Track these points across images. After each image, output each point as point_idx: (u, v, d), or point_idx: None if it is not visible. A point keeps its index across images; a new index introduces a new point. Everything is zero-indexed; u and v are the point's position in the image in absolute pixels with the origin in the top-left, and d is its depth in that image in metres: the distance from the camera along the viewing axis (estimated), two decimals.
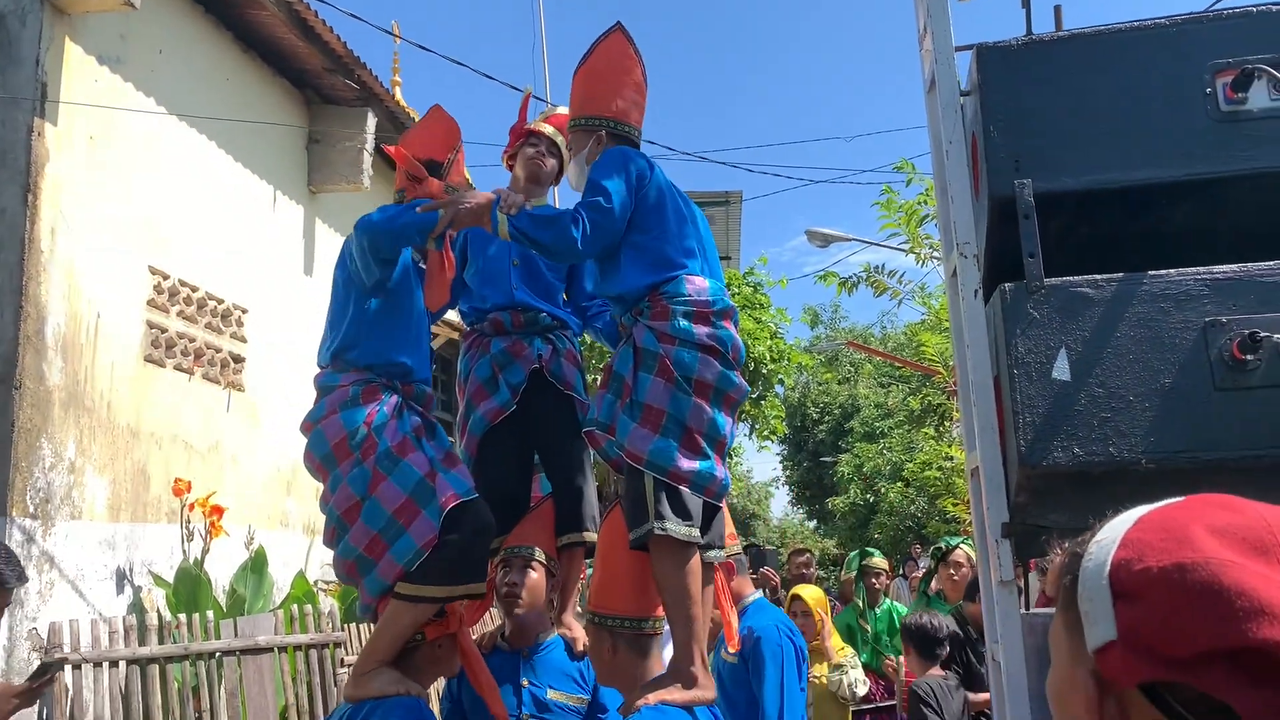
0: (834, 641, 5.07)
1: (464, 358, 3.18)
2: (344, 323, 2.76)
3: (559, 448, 3.11)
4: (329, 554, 2.85)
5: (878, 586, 6.57)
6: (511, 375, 3.04)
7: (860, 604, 6.62)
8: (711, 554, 2.61)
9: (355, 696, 2.58)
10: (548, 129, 3.23)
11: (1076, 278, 1.99)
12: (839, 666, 4.76)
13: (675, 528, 2.38)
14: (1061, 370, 1.95)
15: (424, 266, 2.94)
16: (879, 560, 6.72)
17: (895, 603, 6.66)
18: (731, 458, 17.13)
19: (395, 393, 2.72)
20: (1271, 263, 1.91)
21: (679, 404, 2.44)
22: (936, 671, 4.05)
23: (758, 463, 73.73)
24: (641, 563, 2.46)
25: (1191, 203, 2.07)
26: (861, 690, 4.64)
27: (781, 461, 32.77)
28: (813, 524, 35.22)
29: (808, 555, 7.92)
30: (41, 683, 3.10)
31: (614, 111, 2.78)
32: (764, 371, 10.09)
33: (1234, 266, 1.93)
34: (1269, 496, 1.98)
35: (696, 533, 2.43)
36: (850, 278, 10.12)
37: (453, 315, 3.58)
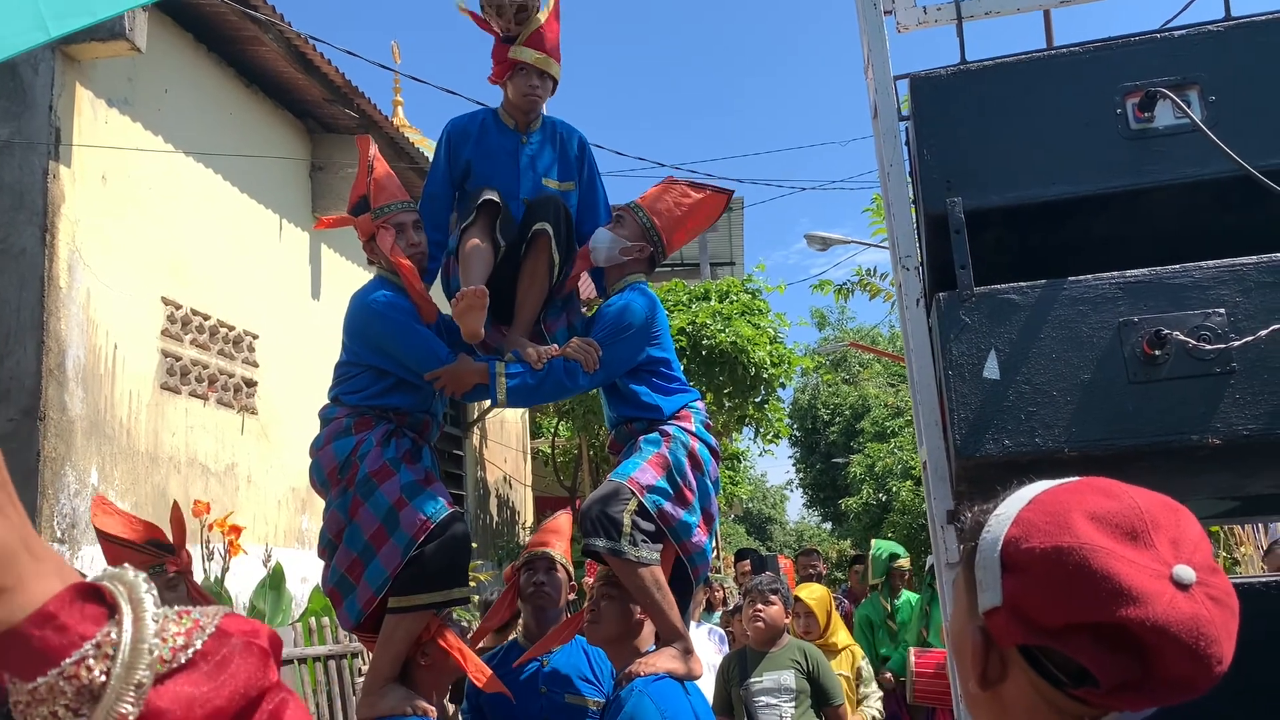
0: (841, 638, 5.20)
1: None
2: (346, 370, 2.95)
3: None
4: None
5: (900, 582, 7.07)
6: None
7: (885, 602, 6.94)
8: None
9: (367, 717, 2.68)
10: (533, 57, 3.08)
11: (1003, 285, 2.17)
12: (859, 676, 5.01)
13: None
14: (992, 370, 2.14)
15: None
16: (905, 562, 7.19)
17: (909, 593, 7.04)
18: (741, 462, 17.23)
19: (388, 422, 2.87)
20: (1176, 266, 2.09)
21: (704, 491, 2.91)
22: None
23: (771, 466, 73.87)
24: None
25: (1108, 213, 2.26)
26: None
27: (794, 464, 32.87)
28: (827, 526, 35.27)
29: (815, 556, 8.19)
30: None
31: (669, 251, 3.05)
32: (765, 376, 10.25)
33: (1144, 270, 2.10)
34: (1177, 476, 2.19)
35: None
36: (845, 284, 10.28)
37: None
